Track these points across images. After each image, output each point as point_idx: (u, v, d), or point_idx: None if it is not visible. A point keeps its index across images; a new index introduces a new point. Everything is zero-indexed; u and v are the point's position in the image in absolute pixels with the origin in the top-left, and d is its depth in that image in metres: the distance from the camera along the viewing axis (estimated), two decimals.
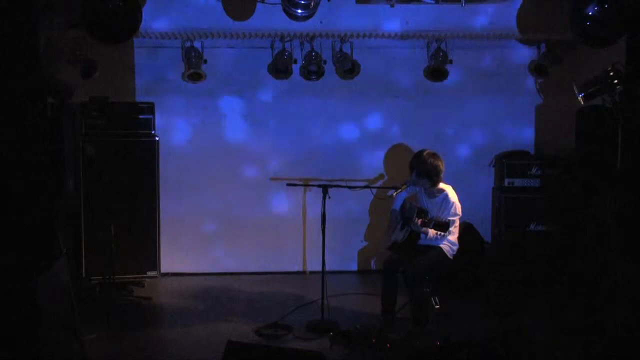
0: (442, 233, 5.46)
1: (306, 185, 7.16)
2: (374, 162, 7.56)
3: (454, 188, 5.76)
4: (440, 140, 7.31)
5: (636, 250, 4.67)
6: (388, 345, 5.17)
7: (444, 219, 5.41)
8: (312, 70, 7.10)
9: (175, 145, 7.34)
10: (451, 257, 5.68)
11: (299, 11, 5.99)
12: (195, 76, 7.09)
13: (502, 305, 6.22)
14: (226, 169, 7.48)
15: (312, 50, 7.07)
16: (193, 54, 6.99)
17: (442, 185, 5.74)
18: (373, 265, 7.63)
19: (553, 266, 6.79)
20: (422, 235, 5.61)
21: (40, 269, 4.36)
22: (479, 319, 5.96)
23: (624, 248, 4.86)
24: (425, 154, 5.69)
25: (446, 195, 5.66)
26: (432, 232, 5.47)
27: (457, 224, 5.67)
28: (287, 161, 7.50)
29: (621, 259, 4.89)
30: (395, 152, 7.52)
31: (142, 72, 7.29)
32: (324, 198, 5.77)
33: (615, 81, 5.78)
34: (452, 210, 5.60)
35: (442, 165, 5.67)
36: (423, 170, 5.65)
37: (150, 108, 6.91)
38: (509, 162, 7.12)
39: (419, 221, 5.48)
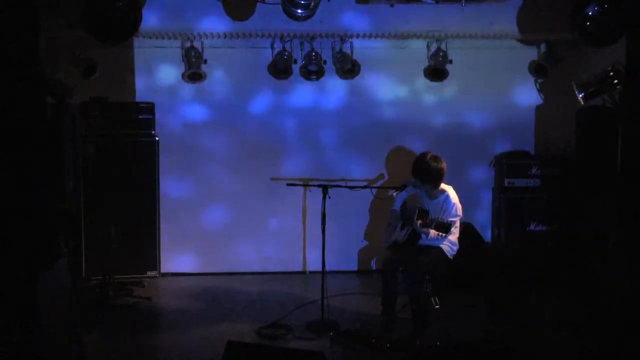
0: (444, 234, 5.44)
1: (306, 185, 7.16)
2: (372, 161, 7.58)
3: (454, 188, 5.76)
4: (440, 140, 7.30)
5: (636, 250, 4.67)
6: (388, 345, 5.17)
7: (445, 220, 5.38)
8: (312, 70, 7.10)
9: (175, 145, 7.33)
10: (451, 257, 5.66)
11: (299, 11, 6.01)
12: (195, 76, 7.09)
13: (502, 305, 6.22)
14: (227, 169, 7.47)
15: (312, 50, 7.07)
16: (193, 54, 6.99)
17: (443, 185, 5.71)
18: (373, 265, 7.62)
19: (553, 266, 6.79)
20: (423, 235, 5.60)
21: (40, 269, 4.36)
22: (479, 319, 5.95)
23: (623, 248, 4.86)
24: (428, 158, 5.58)
25: (447, 196, 5.63)
26: (433, 232, 5.44)
27: (457, 224, 5.66)
28: (288, 160, 7.50)
29: (621, 258, 4.89)
30: (395, 152, 7.51)
31: (142, 72, 7.29)
32: (324, 198, 5.77)
33: (615, 81, 5.79)
34: (454, 211, 5.58)
35: (445, 168, 5.62)
36: (428, 176, 5.58)
37: (150, 108, 6.92)
38: (509, 162, 7.11)
39: (420, 222, 5.47)
